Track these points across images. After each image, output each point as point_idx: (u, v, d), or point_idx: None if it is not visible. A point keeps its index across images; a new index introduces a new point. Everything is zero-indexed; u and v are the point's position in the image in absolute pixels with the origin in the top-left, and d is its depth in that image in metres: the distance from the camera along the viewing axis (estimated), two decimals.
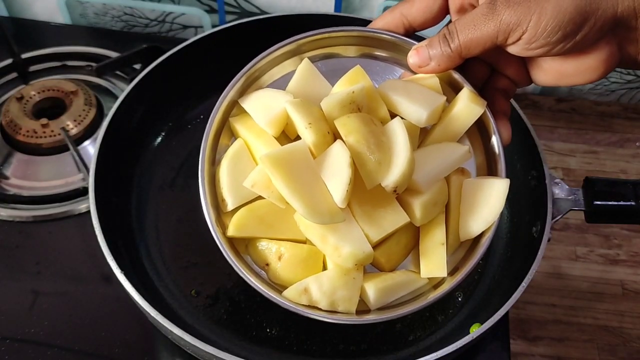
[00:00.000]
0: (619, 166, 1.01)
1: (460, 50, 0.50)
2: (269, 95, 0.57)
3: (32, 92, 0.92)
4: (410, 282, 0.57)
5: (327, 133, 0.53)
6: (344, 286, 0.54)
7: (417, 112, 0.55)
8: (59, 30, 1.07)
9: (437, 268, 0.56)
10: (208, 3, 1.03)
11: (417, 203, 0.54)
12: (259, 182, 0.53)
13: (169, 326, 0.60)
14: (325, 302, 0.54)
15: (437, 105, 0.55)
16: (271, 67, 0.60)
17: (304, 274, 0.55)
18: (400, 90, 0.56)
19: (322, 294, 0.54)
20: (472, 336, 0.60)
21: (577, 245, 0.91)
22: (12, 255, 0.79)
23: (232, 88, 0.58)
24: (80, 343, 0.72)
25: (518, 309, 0.85)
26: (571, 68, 0.50)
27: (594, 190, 0.70)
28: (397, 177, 0.51)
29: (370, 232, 0.54)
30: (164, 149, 0.84)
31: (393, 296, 0.57)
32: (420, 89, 0.56)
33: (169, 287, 0.73)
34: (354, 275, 0.54)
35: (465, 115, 0.56)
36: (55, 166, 0.86)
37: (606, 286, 0.88)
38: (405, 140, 0.52)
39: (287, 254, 0.55)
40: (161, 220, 0.78)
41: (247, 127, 0.58)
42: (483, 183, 0.56)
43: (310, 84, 0.58)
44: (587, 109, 1.08)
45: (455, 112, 0.56)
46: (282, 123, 0.56)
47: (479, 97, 0.55)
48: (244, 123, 0.59)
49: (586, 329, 0.84)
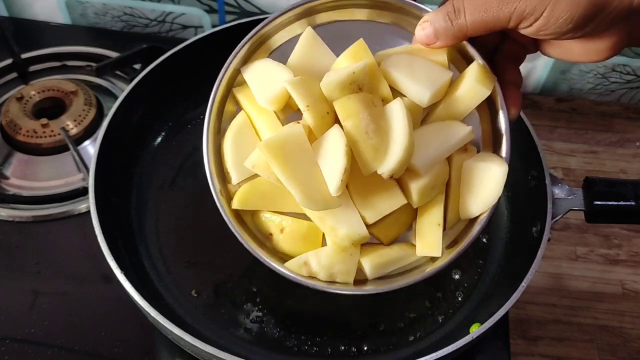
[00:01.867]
0: (619, 166, 1.01)
1: (467, 30, 0.50)
2: (270, 69, 0.57)
3: (32, 92, 0.92)
4: (406, 257, 0.59)
5: (326, 114, 0.53)
6: (341, 261, 0.56)
7: (420, 92, 0.54)
8: (59, 30, 1.07)
9: (432, 247, 0.57)
10: (208, 3, 1.03)
11: (415, 187, 0.55)
12: (258, 163, 0.54)
13: (169, 326, 0.60)
14: (323, 274, 0.56)
15: (441, 84, 0.54)
16: (279, 30, 0.59)
17: (304, 247, 0.57)
18: (403, 67, 0.55)
19: (320, 268, 0.56)
20: (472, 336, 0.60)
21: (577, 245, 0.91)
22: (12, 255, 0.79)
23: (237, 54, 0.58)
24: (80, 343, 0.72)
25: (518, 309, 0.85)
26: (578, 48, 0.51)
27: (594, 190, 0.70)
28: (393, 165, 0.51)
29: (366, 214, 0.55)
30: (164, 149, 0.84)
31: (389, 269, 0.59)
32: (425, 65, 0.55)
33: (169, 287, 0.73)
34: (351, 251, 0.56)
35: (470, 96, 0.55)
36: (55, 166, 0.86)
37: (606, 286, 0.88)
38: (404, 125, 0.52)
39: (288, 228, 0.57)
40: (161, 220, 0.78)
41: (249, 100, 0.58)
42: (481, 167, 0.56)
43: (313, 54, 0.58)
44: (587, 109, 1.08)
45: (461, 92, 0.55)
46: (283, 100, 0.56)
47: (488, 73, 0.54)
48: (246, 95, 0.59)
49: (586, 329, 0.84)
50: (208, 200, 0.81)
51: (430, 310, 0.73)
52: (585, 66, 1.05)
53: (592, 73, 1.06)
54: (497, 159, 0.56)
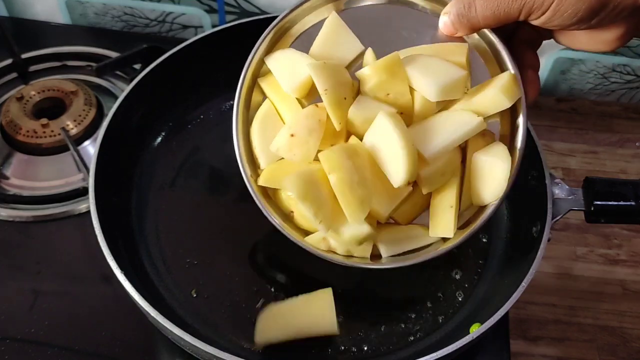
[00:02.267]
0: (619, 166, 1.01)
1: (479, 23, 0.53)
2: (294, 58, 0.58)
3: (32, 92, 0.92)
4: (420, 237, 0.60)
5: (343, 99, 0.55)
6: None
7: (428, 85, 0.55)
8: (59, 30, 1.07)
9: (445, 229, 0.58)
10: (208, 3, 1.03)
11: (423, 174, 0.56)
12: (282, 145, 0.56)
13: (169, 326, 0.60)
14: (341, 250, 0.59)
15: (451, 80, 0.55)
16: (305, 15, 0.60)
17: None
18: (419, 64, 0.56)
19: (338, 244, 0.59)
20: (472, 336, 0.60)
21: (577, 245, 0.91)
22: (12, 255, 0.79)
23: (261, 44, 0.59)
24: (80, 343, 0.72)
25: (518, 309, 0.85)
26: (586, 38, 0.53)
27: (594, 190, 0.70)
28: (404, 177, 0.53)
29: (380, 209, 0.57)
30: (164, 149, 0.84)
31: (404, 248, 0.60)
32: (440, 63, 0.56)
33: (169, 287, 0.73)
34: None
35: (491, 103, 0.56)
36: (55, 166, 0.86)
37: (606, 286, 0.88)
38: (396, 136, 0.53)
39: None
40: (161, 220, 0.78)
41: (273, 88, 0.60)
42: (488, 161, 0.57)
43: (337, 41, 0.59)
44: (587, 109, 1.08)
45: (483, 97, 0.56)
46: (307, 88, 0.58)
47: (515, 86, 0.56)
48: (270, 84, 0.61)
49: (586, 329, 0.84)
50: (208, 200, 0.81)
51: (430, 310, 0.73)
52: (585, 66, 1.05)
53: (592, 73, 1.06)
54: (503, 154, 0.57)
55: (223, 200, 0.81)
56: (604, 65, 1.04)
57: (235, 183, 0.82)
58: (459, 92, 0.56)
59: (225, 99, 0.90)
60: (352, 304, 0.72)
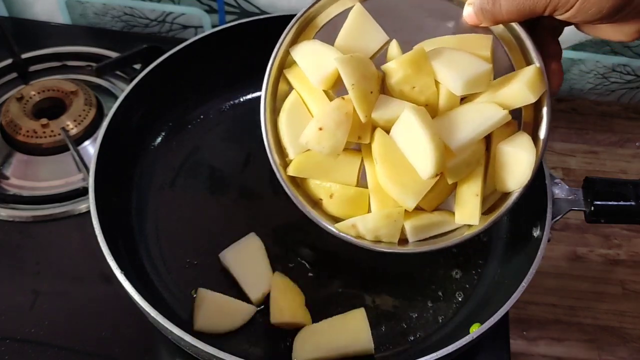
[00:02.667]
0: (619, 166, 1.01)
1: (502, 16, 0.54)
2: (319, 50, 0.59)
3: (32, 92, 0.92)
4: (446, 223, 0.62)
5: (369, 93, 0.56)
6: (386, 227, 0.60)
7: (454, 79, 0.56)
8: (59, 30, 1.07)
9: (470, 216, 0.60)
10: (208, 3, 1.03)
11: (449, 165, 0.57)
12: (311, 139, 0.57)
13: (169, 326, 0.60)
14: (370, 236, 0.61)
15: (476, 74, 0.56)
16: (329, 5, 0.61)
17: (350, 211, 0.62)
18: (443, 58, 0.57)
19: (367, 231, 0.60)
20: (472, 336, 0.60)
21: (577, 245, 0.91)
22: (12, 255, 0.79)
23: (288, 34, 0.61)
24: (80, 343, 0.72)
25: (518, 309, 0.85)
26: (608, 30, 0.54)
27: (594, 190, 0.70)
28: (431, 170, 0.54)
29: (405, 201, 0.58)
30: (164, 149, 0.84)
31: (430, 233, 0.62)
32: (464, 57, 0.57)
33: (169, 287, 0.73)
34: (395, 217, 0.60)
35: (516, 97, 0.57)
36: (55, 166, 0.86)
37: (606, 286, 0.88)
38: (422, 130, 0.54)
39: (337, 193, 0.62)
40: (161, 220, 0.78)
41: (299, 80, 0.61)
42: (512, 152, 0.58)
43: (362, 32, 0.60)
44: (587, 109, 1.08)
45: (508, 90, 0.57)
46: (333, 80, 0.59)
47: (541, 81, 0.56)
48: (296, 75, 0.62)
49: (586, 329, 0.84)
50: (208, 200, 0.81)
51: (430, 310, 0.73)
52: (585, 66, 1.05)
53: (592, 73, 1.06)
54: (528, 145, 0.58)
55: (223, 200, 0.81)
56: (604, 65, 1.04)
57: (235, 183, 0.83)
58: (484, 85, 0.57)
59: (225, 99, 0.90)
60: (351, 304, 0.72)
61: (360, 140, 0.59)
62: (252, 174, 0.84)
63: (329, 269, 0.75)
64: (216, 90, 0.89)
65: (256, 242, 0.75)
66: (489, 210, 0.61)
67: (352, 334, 0.68)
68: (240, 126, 0.88)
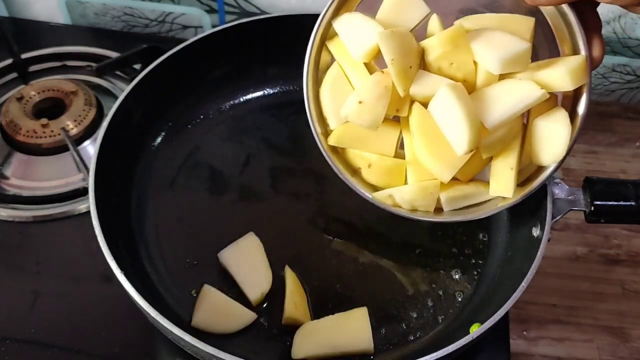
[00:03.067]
0: (619, 166, 1.00)
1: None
2: (361, 24, 0.60)
3: (32, 92, 0.92)
4: (480, 194, 0.64)
5: (408, 68, 0.57)
6: (422, 198, 0.63)
7: (491, 58, 0.56)
8: (59, 30, 1.07)
9: (505, 189, 0.62)
10: (208, 3, 1.03)
11: (484, 142, 0.59)
12: (352, 112, 0.59)
13: (169, 326, 0.60)
14: (406, 206, 0.64)
15: (514, 53, 0.56)
16: None
17: (389, 180, 0.65)
18: (482, 38, 0.58)
19: (403, 202, 0.64)
20: (472, 336, 0.60)
21: (577, 245, 0.91)
22: (12, 255, 0.79)
23: (331, 5, 0.61)
24: (80, 343, 0.72)
25: (518, 309, 0.85)
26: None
27: (594, 190, 0.70)
28: (466, 147, 0.55)
29: (441, 174, 0.61)
30: (164, 149, 0.84)
31: (463, 203, 0.65)
32: (503, 36, 0.57)
33: (169, 287, 0.73)
34: (431, 190, 0.63)
35: (555, 82, 0.57)
36: (55, 166, 0.86)
37: (606, 286, 0.88)
38: (458, 108, 0.54)
39: (375, 164, 0.65)
40: (161, 220, 0.78)
41: (341, 52, 0.62)
42: (548, 127, 0.59)
43: (403, 5, 0.60)
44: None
45: (548, 74, 0.57)
46: (374, 54, 0.60)
47: (584, 71, 0.57)
48: (338, 48, 0.63)
49: (586, 329, 0.84)
50: (208, 200, 0.81)
51: (430, 310, 0.73)
52: None
53: (592, 73, 1.06)
54: (564, 121, 0.59)
55: (223, 200, 0.81)
56: (604, 65, 1.04)
57: (235, 183, 0.83)
58: (522, 65, 0.57)
59: (225, 99, 0.90)
60: (351, 304, 0.72)
61: (398, 113, 0.60)
62: (252, 174, 0.84)
63: (329, 268, 0.75)
64: (216, 90, 0.89)
65: (255, 241, 0.75)
66: (524, 182, 0.63)
67: (353, 333, 0.68)
68: (240, 126, 0.88)
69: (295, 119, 0.89)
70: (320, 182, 0.82)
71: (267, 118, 0.89)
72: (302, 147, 0.86)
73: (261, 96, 0.91)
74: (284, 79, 0.91)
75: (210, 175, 0.83)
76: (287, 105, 0.91)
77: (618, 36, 0.99)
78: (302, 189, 0.82)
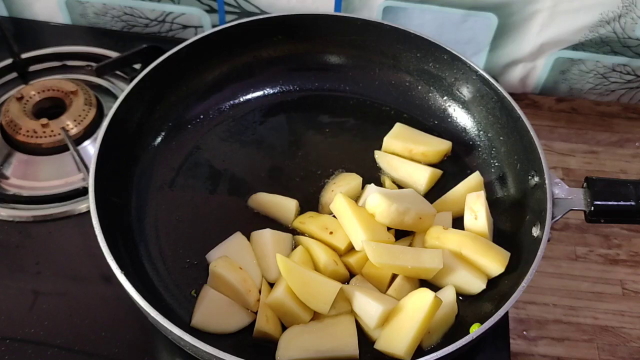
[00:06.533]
0: (619, 166, 1.01)
1: None
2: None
3: (32, 92, 0.92)
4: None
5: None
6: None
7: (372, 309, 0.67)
8: (59, 30, 1.07)
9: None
10: (208, 3, 1.03)
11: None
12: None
13: (169, 326, 0.60)
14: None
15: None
16: None
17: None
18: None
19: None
20: (472, 336, 0.60)
21: (577, 245, 0.91)
22: (12, 255, 0.79)
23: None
24: (80, 343, 0.72)
25: (518, 309, 0.85)
26: None
27: (594, 190, 0.70)
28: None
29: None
30: (164, 149, 0.84)
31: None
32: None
33: (169, 287, 0.73)
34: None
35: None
36: (55, 166, 0.86)
37: (606, 286, 0.88)
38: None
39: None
40: (161, 220, 0.78)
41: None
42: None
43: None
44: (587, 109, 1.08)
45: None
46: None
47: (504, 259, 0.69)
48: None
49: (586, 329, 0.84)
50: (208, 200, 0.81)
51: None
52: (585, 66, 1.05)
53: (592, 73, 1.06)
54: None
55: (223, 200, 0.81)
56: (604, 65, 1.04)
57: (235, 183, 0.83)
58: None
59: (225, 99, 0.90)
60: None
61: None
62: (251, 174, 0.84)
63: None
64: (216, 90, 0.89)
65: (242, 241, 0.74)
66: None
67: (339, 339, 0.67)
68: (240, 126, 0.88)
69: (295, 119, 0.89)
70: (321, 182, 0.82)
71: (267, 118, 0.90)
72: (302, 148, 0.86)
73: (261, 96, 0.91)
74: (284, 79, 0.91)
75: (210, 175, 0.83)
76: (287, 105, 0.91)
77: (618, 36, 0.99)
78: (302, 189, 0.82)
